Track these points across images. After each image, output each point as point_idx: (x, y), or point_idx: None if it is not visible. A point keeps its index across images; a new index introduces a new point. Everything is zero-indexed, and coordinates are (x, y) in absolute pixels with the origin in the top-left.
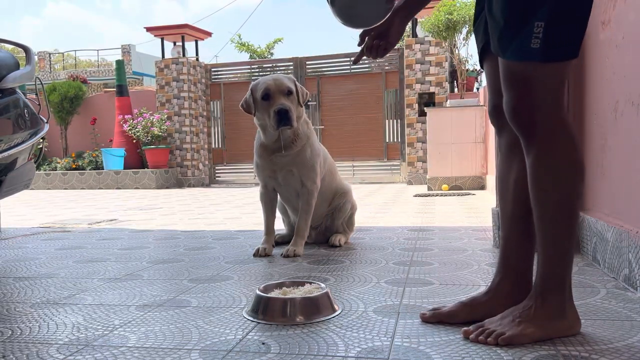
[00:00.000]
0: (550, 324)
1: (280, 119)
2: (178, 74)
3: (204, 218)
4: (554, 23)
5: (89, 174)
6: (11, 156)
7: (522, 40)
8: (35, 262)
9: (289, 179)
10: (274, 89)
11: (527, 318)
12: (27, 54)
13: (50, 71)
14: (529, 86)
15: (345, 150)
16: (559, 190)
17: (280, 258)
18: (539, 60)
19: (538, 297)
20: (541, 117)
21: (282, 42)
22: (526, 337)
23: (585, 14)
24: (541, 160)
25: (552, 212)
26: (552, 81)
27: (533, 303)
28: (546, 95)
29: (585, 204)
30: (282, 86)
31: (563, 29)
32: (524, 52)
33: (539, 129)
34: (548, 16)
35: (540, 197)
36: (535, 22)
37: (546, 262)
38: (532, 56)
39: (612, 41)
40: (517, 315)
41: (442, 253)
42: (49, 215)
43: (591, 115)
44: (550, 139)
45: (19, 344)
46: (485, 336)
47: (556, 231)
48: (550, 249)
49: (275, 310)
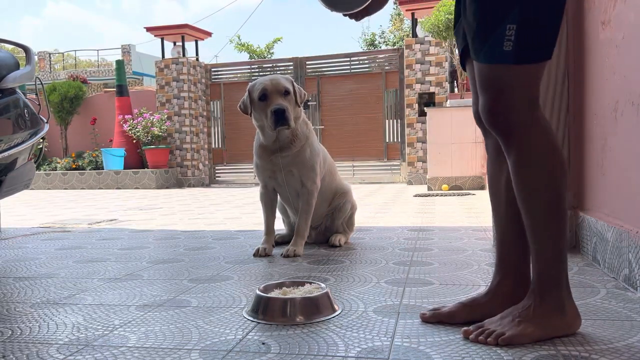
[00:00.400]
0: (550, 322)
1: (277, 119)
2: (178, 74)
3: (204, 218)
4: (526, 26)
5: (89, 174)
6: (11, 156)
7: (495, 43)
8: (35, 262)
9: (289, 180)
10: (271, 89)
11: (527, 318)
12: (27, 54)
13: (50, 71)
14: (503, 88)
15: (345, 150)
16: (543, 188)
17: (280, 258)
18: (511, 63)
19: (536, 296)
20: (517, 118)
21: (282, 42)
22: (526, 336)
23: (557, 16)
24: (521, 160)
25: (539, 211)
26: (526, 82)
27: (532, 302)
28: (520, 96)
29: (585, 204)
30: (279, 86)
31: (535, 32)
32: (496, 55)
33: (516, 129)
34: (520, 19)
35: (525, 197)
36: (507, 25)
37: (540, 262)
38: (505, 59)
39: (612, 41)
40: (516, 315)
41: (442, 253)
42: (49, 215)
43: (591, 115)
44: (528, 138)
45: (19, 344)
46: (485, 336)
47: (546, 230)
48: (543, 248)
49: (275, 310)
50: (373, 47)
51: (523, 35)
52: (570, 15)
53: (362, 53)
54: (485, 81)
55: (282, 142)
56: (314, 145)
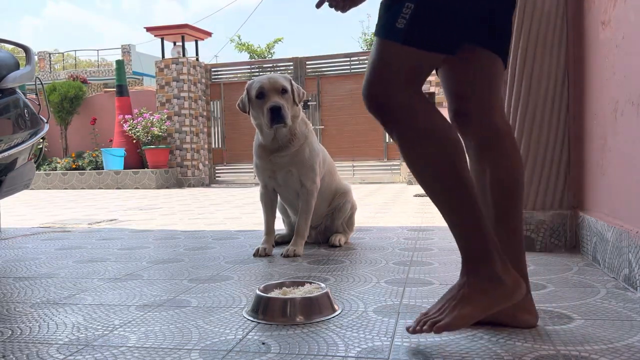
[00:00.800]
0: (487, 297)
1: (273, 116)
2: (178, 74)
3: (204, 218)
4: (424, 7)
5: (89, 174)
6: (11, 156)
7: (390, 18)
8: (35, 262)
9: (289, 179)
10: (269, 87)
11: (462, 299)
12: (27, 54)
13: (50, 71)
14: (384, 66)
15: (345, 150)
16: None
17: (280, 258)
18: (399, 42)
19: (466, 275)
20: (394, 98)
21: (282, 41)
22: (464, 318)
23: (457, 7)
24: (404, 143)
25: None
26: (408, 66)
27: (464, 281)
28: (400, 78)
29: (585, 204)
30: (277, 84)
31: (432, 17)
32: (388, 30)
33: (393, 109)
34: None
35: (420, 179)
36: (405, 2)
37: (458, 239)
38: (395, 36)
39: (612, 41)
40: (449, 299)
41: (442, 253)
42: (49, 215)
43: (591, 115)
44: (406, 118)
45: (19, 344)
46: (421, 325)
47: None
48: (455, 224)
49: (275, 310)
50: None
51: (418, 16)
52: (570, 15)
53: (362, 53)
54: (371, 56)
55: (280, 141)
56: (313, 145)
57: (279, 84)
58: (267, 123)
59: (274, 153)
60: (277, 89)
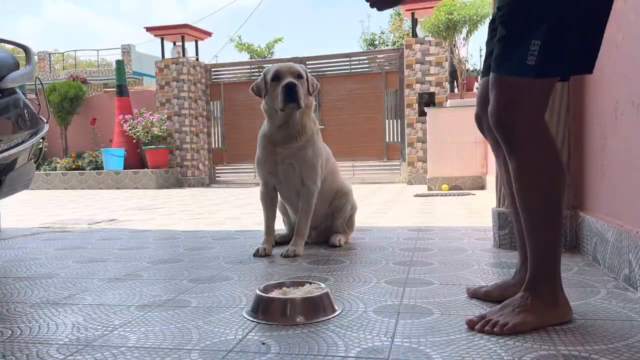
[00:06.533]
0: (545, 312)
1: (288, 93)
2: (178, 74)
3: (204, 218)
4: (550, 43)
5: (89, 174)
6: (11, 156)
7: (520, 56)
8: (35, 262)
9: (289, 174)
10: (285, 70)
11: (525, 308)
12: (27, 54)
13: (50, 71)
14: (516, 98)
15: (345, 150)
16: (541, 195)
17: (280, 258)
18: (531, 76)
19: (531, 290)
20: (522, 128)
21: (282, 41)
22: (527, 324)
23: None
24: (522, 168)
25: (535, 214)
26: (539, 95)
27: (528, 294)
28: (530, 108)
29: (585, 204)
30: (292, 69)
31: (558, 48)
32: (520, 68)
33: (519, 138)
34: (545, 36)
35: (523, 199)
36: (532, 40)
37: (535, 257)
38: (526, 72)
39: (612, 41)
40: (516, 306)
41: (443, 253)
42: (49, 215)
43: (591, 115)
44: (531, 144)
45: (19, 344)
46: (490, 326)
47: (541, 231)
48: (538, 246)
49: (275, 310)
50: (373, 47)
51: (546, 51)
52: None
53: (362, 53)
54: (500, 89)
55: (289, 129)
56: (317, 144)
57: (295, 68)
58: (282, 100)
59: (279, 145)
60: (292, 72)
